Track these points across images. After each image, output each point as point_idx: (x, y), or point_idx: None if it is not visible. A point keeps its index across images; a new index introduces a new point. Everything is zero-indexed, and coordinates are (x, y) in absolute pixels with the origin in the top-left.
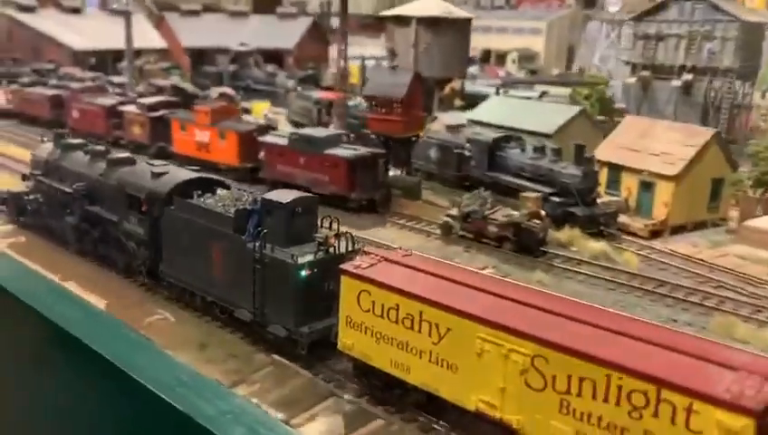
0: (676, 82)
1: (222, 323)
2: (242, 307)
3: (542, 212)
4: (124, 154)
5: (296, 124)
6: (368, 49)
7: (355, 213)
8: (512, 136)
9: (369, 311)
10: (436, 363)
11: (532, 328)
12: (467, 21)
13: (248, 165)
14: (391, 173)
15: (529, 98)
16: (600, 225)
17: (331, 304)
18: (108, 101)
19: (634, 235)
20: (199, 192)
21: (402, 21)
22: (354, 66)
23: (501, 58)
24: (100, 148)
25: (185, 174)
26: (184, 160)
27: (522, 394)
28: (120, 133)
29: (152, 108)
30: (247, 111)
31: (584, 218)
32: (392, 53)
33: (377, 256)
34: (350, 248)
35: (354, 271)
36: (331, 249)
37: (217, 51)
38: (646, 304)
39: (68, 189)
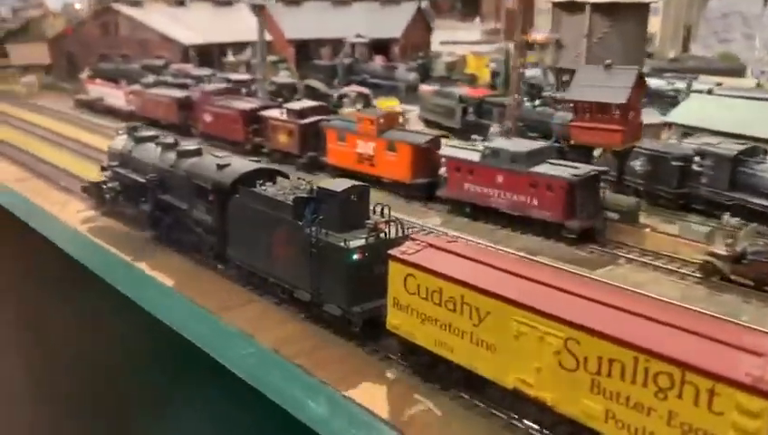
0: None
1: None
2: (300, 288)
3: None
4: (192, 146)
5: (430, 124)
6: (459, 34)
7: (570, 244)
8: (759, 148)
9: (414, 294)
10: (477, 344)
11: (565, 312)
12: (646, 6)
13: (422, 181)
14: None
15: (758, 99)
16: None
17: (382, 286)
18: (246, 105)
19: None
20: (261, 181)
21: (573, 7)
22: (474, 57)
23: None
24: (170, 140)
25: (247, 165)
26: (341, 173)
27: (555, 374)
28: (261, 141)
29: (302, 114)
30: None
31: None
32: (558, 45)
33: (423, 241)
34: (399, 234)
35: (401, 256)
36: (381, 234)
37: (325, 42)
38: None
39: (142, 179)
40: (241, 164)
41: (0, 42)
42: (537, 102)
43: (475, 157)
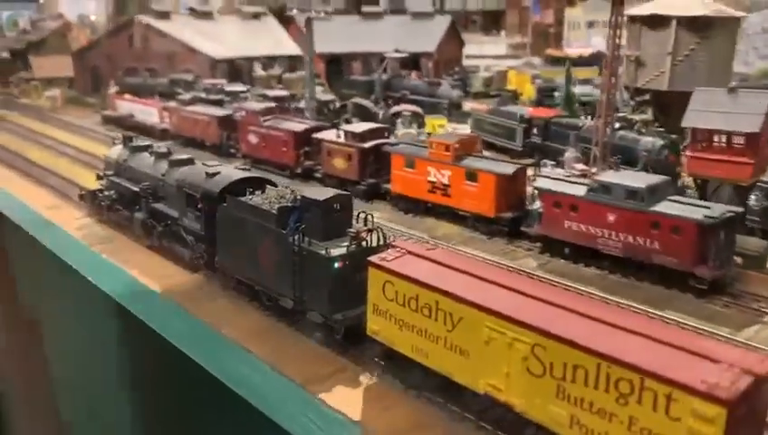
0: None
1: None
2: (285, 296)
3: None
4: (184, 155)
5: (484, 144)
6: (485, 48)
7: (699, 295)
8: None
9: (392, 300)
10: (450, 349)
11: (533, 319)
12: (737, 21)
13: (507, 215)
14: None
15: None
16: None
17: (363, 293)
18: (296, 125)
19: None
20: (250, 190)
21: (657, 22)
22: (516, 72)
23: None
24: (163, 150)
25: (236, 173)
26: (410, 204)
27: (523, 379)
28: (312, 164)
29: (362, 137)
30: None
31: None
32: (637, 62)
33: (402, 249)
34: (380, 242)
35: (380, 263)
36: (363, 243)
37: (357, 56)
38: None
39: (135, 188)
40: (230, 173)
41: (21, 53)
42: (617, 126)
43: (580, 191)
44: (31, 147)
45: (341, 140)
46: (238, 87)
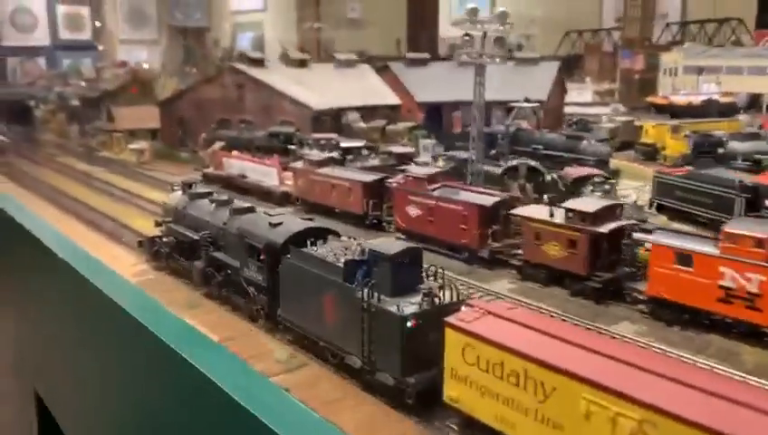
0: None
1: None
2: (351, 354)
3: None
4: (246, 204)
5: (672, 213)
6: (572, 94)
7: None
8: None
9: (474, 365)
10: (542, 422)
11: (641, 392)
12: None
13: None
14: None
15: None
16: None
17: (437, 354)
18: (480, 198)
19: None
20: (312, 240)
21: None
22: (652, 125)
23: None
24: (224, 197)
25: (300, 223)
26: (677, 313)
27: None
28: (501, 247)
29: (595, 218)
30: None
31: None
32: None
33: (482, 308)
34: (454, 299)
35: (458, 324)
36: (436, 300)
37: (458, 105)
38: None
39: (195, 236)
40: (293, 223)
41: (95, 102)
42: None
43: None
44: (131, 211)
45: (556, 219)
46: (356, 142)
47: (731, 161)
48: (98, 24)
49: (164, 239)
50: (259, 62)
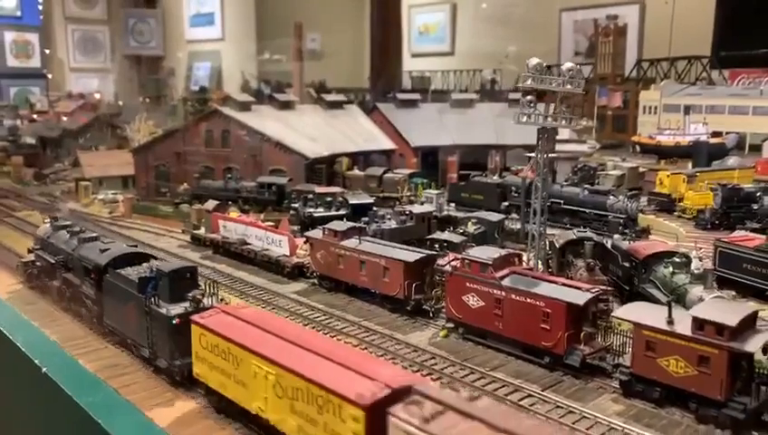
0: None
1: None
2: (144, 347)
3: None
4: (93, 234)
5: (736, 288)
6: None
7: None
8: None
9: (206, 348)
10: (237, 383)
11: (277, 356)
12: None
13: None
14: None
15: None
16: None
17: None
18: (564, 292)
19: None
20: (135, 263)
21: None
22: (667, 174)
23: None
24: (77, 229)
25: (122, 249)
26: None
27: (274, 401)
28: (594, 353)
29: (735, 331)
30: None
31: None
32: None
33: (219, 308)
34: (211, 304)
35: (197, 320)
36: (200, 304)
37: (453, 149)
38: None
39: (53, 260)
40: (118, 249)
41: (54, 142)
42: None
43: None
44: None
45: (678, 329)
46: (364, 198)
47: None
48: (47, 51)
49: (36, 263)
50: (246, 106)
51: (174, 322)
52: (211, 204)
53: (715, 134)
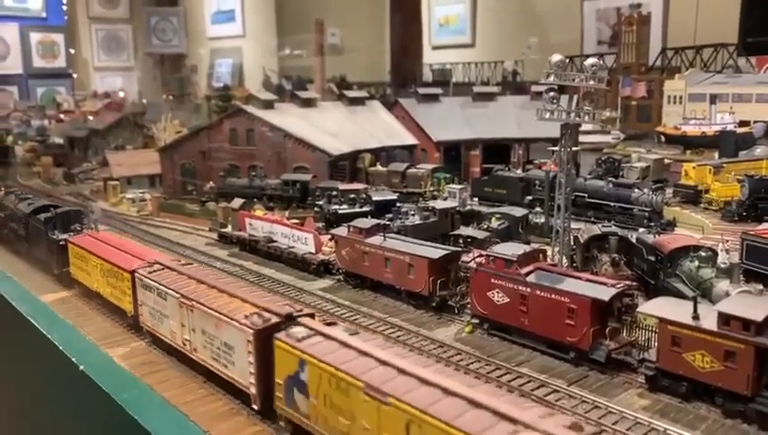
0: None
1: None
2: (50, 262)
3: None
4: (29, 196)
5: None
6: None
7: None
8: None
9: (76, 257)
10: (87, 273)
11: (103, 254)
12: None
13: None
14: None
15: None
16: None
17: None
18: (588, 287)
19: None
20: (48, 212)
21: None
22: (695, 165)
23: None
24: (19, 193)
25: (41, 203)
26: None
27: (101, 280)
28: (622, 347)
29: (759, 327)
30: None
31: None
32: None
33: (88, 234)
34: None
35: (71, 240)
36: (80, 233)
37: (476, 143)
38: None
39: (2, 214)
40: (39, 203)
41: (84, 142)
42: None
43: None
44: None
45: (704, 324)
46: (387, 195)
47: None
48: (72, 51)
49: None
50: (269, 104)
51: (61, 243)
52: (237, 202)
53: (742, 123)
